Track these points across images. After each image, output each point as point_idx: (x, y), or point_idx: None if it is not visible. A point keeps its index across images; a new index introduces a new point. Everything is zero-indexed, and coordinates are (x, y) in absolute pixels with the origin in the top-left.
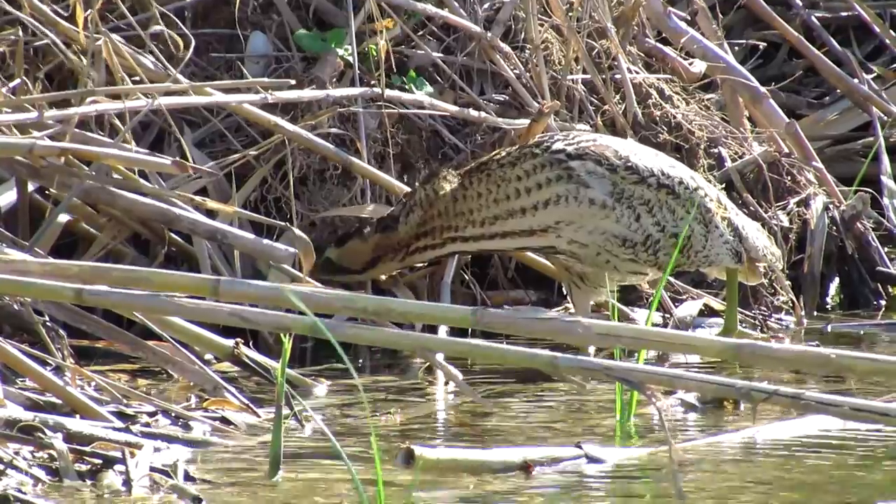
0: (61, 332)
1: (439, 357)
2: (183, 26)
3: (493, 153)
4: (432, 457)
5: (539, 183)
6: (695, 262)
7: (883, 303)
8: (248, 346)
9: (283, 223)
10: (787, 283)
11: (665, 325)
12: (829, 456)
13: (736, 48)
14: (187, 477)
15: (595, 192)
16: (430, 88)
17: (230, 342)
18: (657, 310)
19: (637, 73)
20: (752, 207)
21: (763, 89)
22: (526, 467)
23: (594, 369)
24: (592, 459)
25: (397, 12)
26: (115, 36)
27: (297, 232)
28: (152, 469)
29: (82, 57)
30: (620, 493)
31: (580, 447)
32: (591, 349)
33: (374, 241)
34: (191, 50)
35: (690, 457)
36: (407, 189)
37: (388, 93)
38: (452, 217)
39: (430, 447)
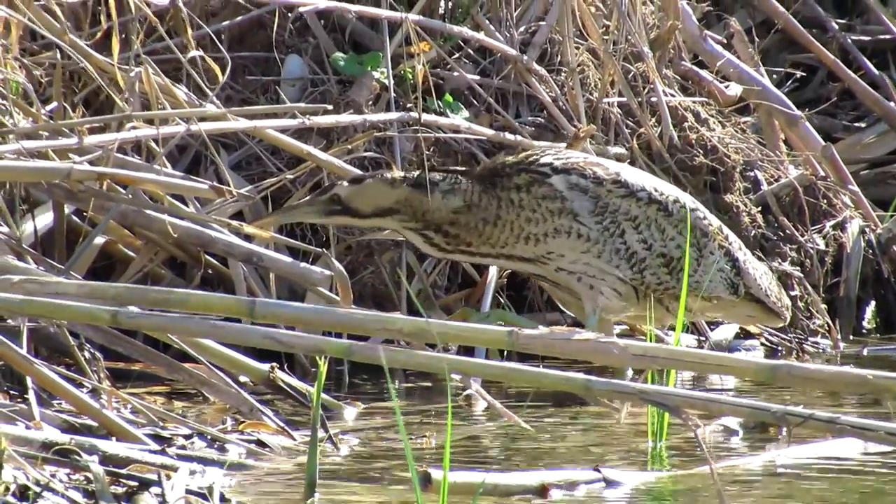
0: (97, 354)
1: (475, 381)
2: (220, 48)
3: (502, 165)
4: (450, 480)
5: (544, 215)
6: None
7: None
8: (283, 369)
9: (319, 249)
10: (823, 306)
11: (701, 348)
12: (868, 478)
13: (772, 72)
14: (223, 499)
15: (583, 219)
16: (465, 112)
17: (265, 366)
18: (693, 333)
19: (673, 96)
20: (787, 231)
21: (799, 113)
22: (543, 490)
23: (628, 392)
24: (610, 483)
25: (433, 35)
26: (150, 58)
27: (334, 261)
28: (188, 491)
29: (118, 85)
30: None
31: (598, 470)
32: (629, 372)
33: (404, 192)
34: (227, 74)
35: (726, 479)
36: None
37: (425, 117)
38: (477, 237)
39: (450, 470)
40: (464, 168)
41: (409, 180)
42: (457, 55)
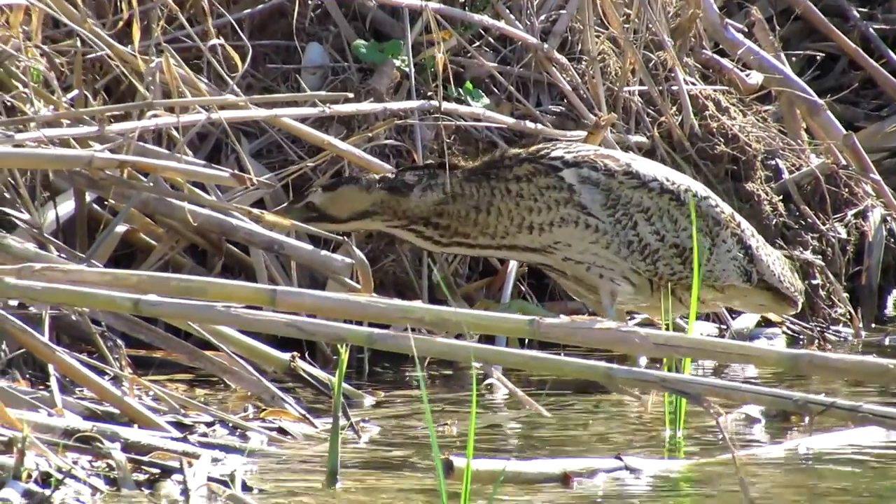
0: (119, 342)
1: (496, 369)
2: (241, 36)
3: (502, 157)
4: (473, 468)
5: (549, 204)
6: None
7: None
8: (305, 357)
9: (340, 236)
10: (845, 295)
11: (722, 337)
12: (891, 466)
13: (793, 60)
14: (245, 486)
15: (593, 219)
16: (486, 100)
17: (286, 356)
18: (714, 321)
19: (694, 84)
20: (809, 219)
21: (820, 101)
22: (566, 478)
23: (650, 381)
24: (632, 471)
25: (454, 24)
26: (171, 46)
27: (355, 250)
28: (210, 479)
29: (139, 74)
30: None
31: (620, 458)
32: (643, 360)
33: (379, 196)
34: (247, 62)
35: (748, 468)
36: None
37: (446, 106)
38: (471, 226)
39: (473, 458)
40: (440, 161)
41: (384, 182)
42: (477, 43)
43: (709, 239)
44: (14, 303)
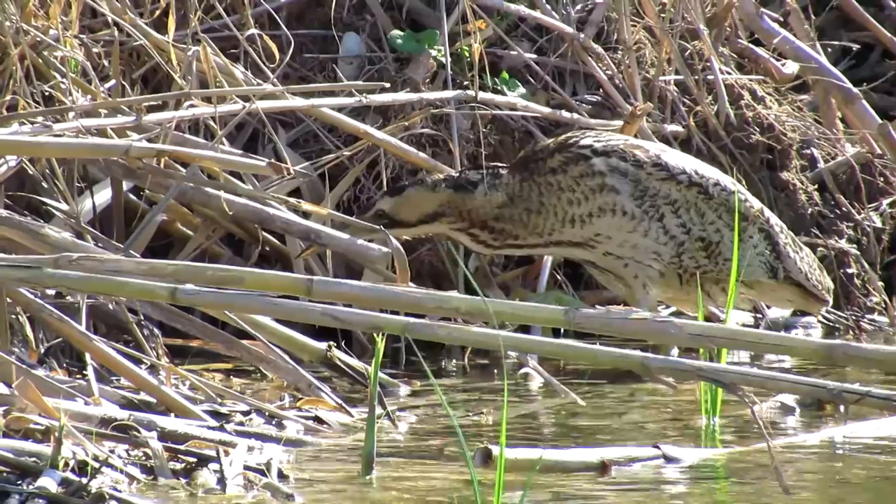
0: (156, 331)
1: (531, 358)
2: (280, 25)
3: (534, 151)
4: (509, 456)
5: (585, 194)
6: (723, 271)
7: None
8: (341, 346)
9: (376, 226)
10: (880, 283)
11: (757, 327)
12: None
13: (828, 49)
14: (281, 475)
15: (624, 198)
16: (522, 90)
17: (322, 345)
18: (750, 311)
19: (729, 73)
20: (844, 208)
21: (855, 90)
22: (603, 467)
23: (685, 370)
24: (670, 460)
25: (490, 13)
26: (208, 36)
27: (392, 239)
28: (246, 467)
29: (176, 64)
30: (698, 494)
31: (658, 447)
32: (675, 350)
33: (446, 195)
34: (289, 54)
35: (784, 456)
36: None
37: (482, 95)
38: (523, 228)
39: (508, 447)
40: (502, 164)
41: (448, 182)
42: (513, 33)
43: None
44: (51, 292)
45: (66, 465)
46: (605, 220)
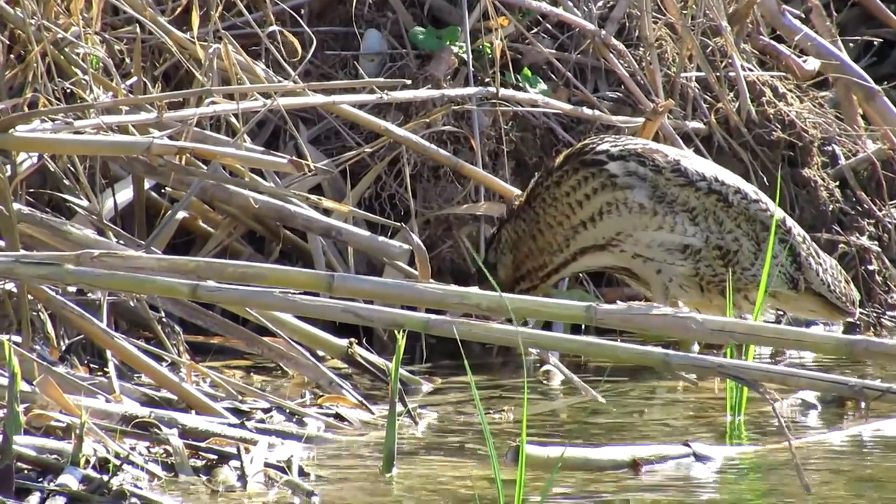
0: (177, 328)
1: (553, 355)
2: (301, 23)
3: (547, 171)
4: (541, 455)
5: (587, 194)
6: (741, 280)
7: None
8: (361, 343)
9: (397, 223)
10: None
11: (778, 323)
12: None
13: (850, 46)
14: (301, 472)
15: (638, 194)
16: (543, 86)
17: (344, 342)
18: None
19: (751, 70)
20: (865, 205)
21: (877, 87)
22: (635, 465)
23: (706, 367)
24: (700, 457)
25: (511, 10)
26: (230, 33)
27: (413, 236)
28: (267, 465)
29: (198, 61)
30: (729, 491)
31: (688, 445)
32: (696, 346)
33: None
34: (311, 51)
35: (810, 453)
36: (516, 191)
37: (503, 92)
38: (538, 255)
39: (539, 445)
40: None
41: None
42: (535, 30)
43: (754, 243)
44: (73, 289)
45: (87, 462)
46: (613, 218)
